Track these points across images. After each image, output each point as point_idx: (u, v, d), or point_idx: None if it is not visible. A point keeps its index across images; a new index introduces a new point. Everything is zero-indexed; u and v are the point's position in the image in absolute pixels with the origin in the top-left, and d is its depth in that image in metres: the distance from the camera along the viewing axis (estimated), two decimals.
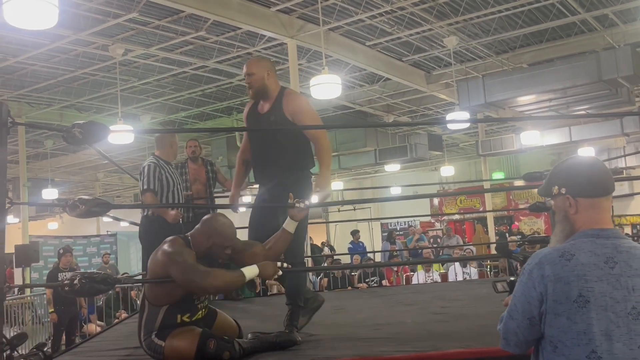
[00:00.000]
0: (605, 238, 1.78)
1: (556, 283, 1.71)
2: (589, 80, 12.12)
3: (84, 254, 17.09)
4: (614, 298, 1.69)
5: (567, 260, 1.73)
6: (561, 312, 1.70)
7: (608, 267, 1.72)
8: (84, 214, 2.79)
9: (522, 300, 1.78)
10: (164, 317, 3.27)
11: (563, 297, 1.70)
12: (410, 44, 12.97)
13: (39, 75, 13.23)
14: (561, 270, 1.72)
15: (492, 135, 20.29)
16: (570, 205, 1.84)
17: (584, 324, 1.68)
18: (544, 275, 1.74)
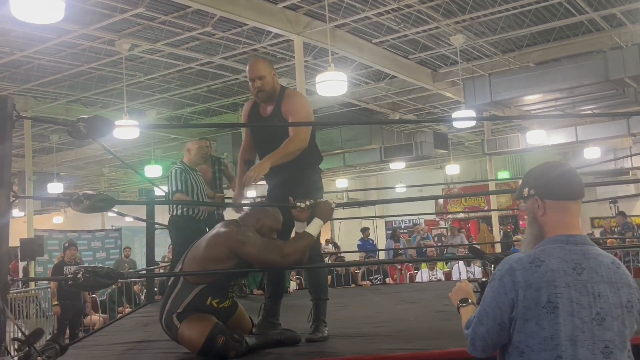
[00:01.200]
0: (574, 244, 1.80)
1: (527, 289, 1.73)
2: (595, 79, 12.09)
3: (89, 249, 17.11)
4: (580, 304, 1.71)
5: (538, 266, 1.74)
6: (530, 317, 1.72)
7: (576, 274, 1.74)
8: (88, 209, 2.79)
9: (493, 305, 1.78)
10: (195, 297, 3.31)
11: (533, 303, 1.72)
12: (417, 42, 12.94)
13: (45, 70, 13.25)
14: (531, 276, 1.73)
15: (497, 134, 20.24)
16: (539, 207, 1.85)
17: (551, 329, 1.70)
18: (515, 281, 1.74)
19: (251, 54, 12.89)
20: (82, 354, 3.68)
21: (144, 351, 3.68)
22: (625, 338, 1.74)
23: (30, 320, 11.27)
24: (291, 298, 6.69)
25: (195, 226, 5.51)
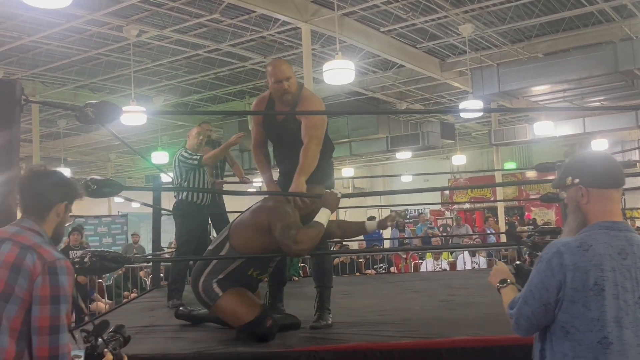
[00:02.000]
0: (618, 230, 1.87)
1: (575, 272, 1.80)
2: (605, 71, 12.01)
3: (95, 234, 17.20)
4: (624, 287, 1.79)
5: (585, 250, 1.82)
6: (577, 299, 1.79)
7: (621, 258, 1.82)
8: (96, 194, 2.80)
9: (540, 287, 1.85)
10: (239, 266, 3.42)
11: (580, 285, 1.79)
12: (425, 31, 12.88)
13: (53, 55, 13.26)
14: (579, 259, 1.81)
15: (505, 124, 20.16)
16: (582, 195, 1.92)
17: (597, 311, 1.77)
18: (563, 264, 1.81)
19: (259, 42, 12.87)
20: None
21: (150, 335, 3.71)
22: None
23: None
24: (295, 285, 6.72)
25: (199, 212, 5.49)
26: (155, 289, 6.80)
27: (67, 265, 2.00)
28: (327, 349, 2.99)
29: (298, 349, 3.00)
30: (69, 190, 2.20)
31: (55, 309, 1.93)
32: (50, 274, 1.94)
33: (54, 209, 2.13)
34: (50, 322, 1.92)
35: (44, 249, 1.99)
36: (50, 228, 2.13)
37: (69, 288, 1.99)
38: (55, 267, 1.96)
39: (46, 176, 2.17)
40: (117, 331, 2.29)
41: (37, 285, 1.92)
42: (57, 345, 1.92)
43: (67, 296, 1.97)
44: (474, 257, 11.31)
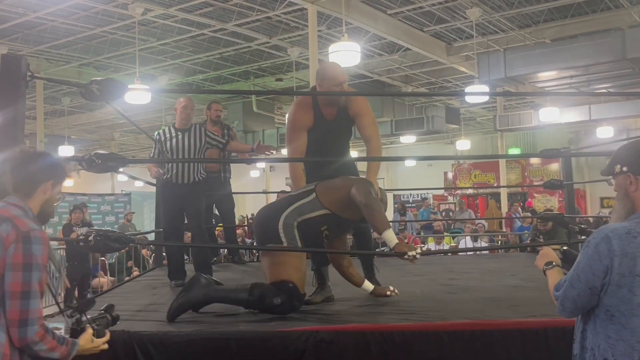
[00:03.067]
0: None
1: (622, 258, 1.84)
2: (612, 58, 11.93)
3: (98, 212, 17.27)
4: None
5: (634, 237, 1.86)
6: (623, 284, 1.84)
7: None
8: (101, 169, 2.81)
9: (587, 270, 1.89)
10: (318, 217, 3.55)
11: (627, 271, 1.84)
12: (432, 14, 12.79)
13: (58, 32, 13.22)
14: (628, 246, 1.85)
15: (510, 110, 20.09)
16: (631, 183, 1.95)
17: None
18: (611, 249, 1.85)
19: (265, 22, 12.80)
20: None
21: (153, 313, 3.73)
22: None
23: None
24: None
25: (177, 191, 5.10)
26: (158, 267, 6.83)
27: (42, 236, 2.08)
28: (328, 330, 3.00)
29: (299, 329, 3.02)
30: (56, 170, 2.29)
31: (27, 276, 2.00)
32: (24, 243, 2.02)
33: (40, 186, 2.22)
34: (21, 288, 1.99)
35: (20, 220, 2.07)
36: (36, 205, 2.22)
37: (43, 258, 2.06)
38: (29, 237, 2.03)
39: (35, 157, 2.26)
40: (106, 310, 2.36)
41: (10, 253, 2.00)
42: (27, 309, 1.99)
43: (40, 265, 2.04)
44: (476, 242, 11.33)
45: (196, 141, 5.20)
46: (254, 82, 17.34)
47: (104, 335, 2.30)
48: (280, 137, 19.43)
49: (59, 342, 2.08)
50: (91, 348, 2.24)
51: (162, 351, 2.95)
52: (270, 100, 19.71)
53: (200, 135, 5.24)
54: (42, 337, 2.02)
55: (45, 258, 2.07)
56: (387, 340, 2.96)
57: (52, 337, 2.05)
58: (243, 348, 2.98)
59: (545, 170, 22.31)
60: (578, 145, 19.59)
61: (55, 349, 2.06)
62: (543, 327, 2.99)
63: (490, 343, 2.97)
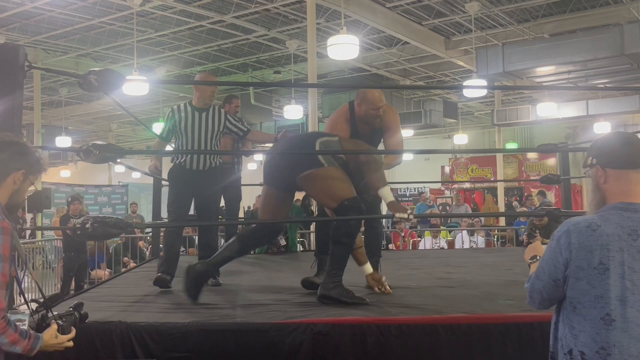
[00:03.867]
0: (633, 212, 1.91)
1: (580, 250, 1.88)
2: (610, 53, 11.92)
3: (95, 203, 17.27)
4: (632, 268, 1.84)
5: (593, 230, 1.88)
6: (582, 277, 1.88)
7: (631, 239, 1.87)
8: (98, 160, 2.81)
9: (549, 263, 1.95)
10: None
11: (585, 263, 1.87)
12: (431, 8, 12.77)
13: (55, 22, 13.17)
14: (586, 239, 1.88)
15: (508, 105, 20.09)
16: (600, 175, 1.97)
17: (601, 289, 1.85)
18: (571, 242, 1.90)
19: (263, 14, 12.77)
20: (87, 305, 3.73)
21: (150, 304, 3.74)
22: None
23: (37, 272, 11.42)
24: (295, 259, 6.76)
25: (189, 177, 4.62)
26: (155, 258, 6.83)
27: (4, 226, 2.03)
28: (325, 322, 3.01)
29: (295, 321, 3.02)
30: (28, 160, 2.23)
31: None
32: None
33: (11, 175, 2.17)
34: None
35: None
36: (4, 194, 2.18)
37: (4, 248, 2.01)
38: None
39: (8, 145, 2.22)
40: (75, 308, 2.32)
41: None
42: None
43: (1, 255, 2.00)
44: (473, 236, 11.36)
45: (214, 124, 4.68)
46: (252, 75, 17.31)
47: (69, 332, 2.22)
48: (278, 129, 19.40)
49: (22, 336, 2.02)
50: (55, 344, 2.16)
51: (159, 342, 2.95)
52: (268, 93, 19.68)
53: (220, 117, 4.72)
54: (4, 330, 1.96)
55: (7, 248, 2.01)
56: (383, 333, 2.97)
57: (14, 330, 1.99)
58: (240, 340, 2.99)
59: (542, 165, 22.35)
60: (575, 141, 19.60)
61: (17, 343, 2.00)
62: (539, 320, 3.00)
63: (486, 337, 2.98)
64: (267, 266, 6.17)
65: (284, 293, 4.14)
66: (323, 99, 17.41)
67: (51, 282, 10.80)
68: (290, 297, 3.96)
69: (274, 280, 5.03)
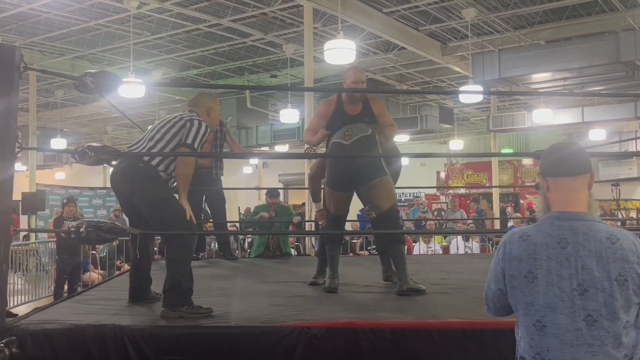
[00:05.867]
0: (564, 220, 1.94)
1: (512, 260, 1.95)
2: (606, 61, 11.97)
3: (90, 206, 17.21)
4: (560, 275, 1.87)
5: (524, 240, 1.95)
6: (515, 285, 1.94)
7: (560, 247, 1.90)
8: (94, 162, 2.80)
9: (493, 273, 2.04)
10: None
11: (516, 272, 1.94)
12: (428, 14, 12.80)
13: (52, 24, 13.15)
14: (517, 249, 1.95)
15: (503, 111, 20.14)
16: (543, 185, 2.05)
17: (531, 296, 1.90)
18: (505, 252, 1.98)
19: (260, 18, 12.78)
20: (81, 307, 3.72)
21: (143, 308, 3.72)
22: (616, 309, 1.82)
23: (30, 274, 11.38)
24: (290, 263, 6.75)
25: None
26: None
27: None
28: (319, 325, 3.01)
29: (290, 325, 3.02)
30: None
31: None
32: None
33: None
34: None
35: None
36: None
37: None
38: None
39: None
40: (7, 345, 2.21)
41: None
42: None
43: None
44: (467, 241, 11.37)
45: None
46: (248, 78, 17.31)
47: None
48: (274, 133, 19.42)
49: None
50: None
51: (153, 345, 2.94)
52: (264, 97, 19.69)
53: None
54: None
55: None
56: (378, 337, 2.96)
57: None
58: (234, 343, 2.98)
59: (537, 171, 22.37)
60: None
61: None
62: None
63: (481, 342, 2.98)
64: (261, 270, 6.15)
65: (278, 297, 4.13)
66: (319, 103, 17.41)
67: (44, 285, 10.76)
68: (285, 300, 3.96)
69: (269, 283, 5.02)
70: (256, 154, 17.43)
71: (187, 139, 3.65)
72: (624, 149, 18.30)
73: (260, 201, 15.55)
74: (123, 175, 3.55)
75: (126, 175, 3.54)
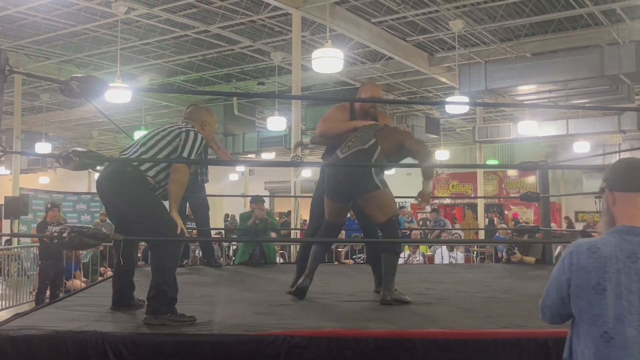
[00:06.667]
0: (634, 235, 1.99)
1: (579, 271, 1.98)
2: (590, 74, 12.09)
3: (74, 211, 17.05)
4: (629, 289, 1.92)
5: (593, 252, 1.98)
6: (582, 295, 1.98)
7: (630, 262, 1.95)
8: (78, 166, 2.78)
9: (556, 282, 2.07)
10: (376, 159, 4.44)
11: (584, 283, 1.97)
12: (416, 24, 12.88)
13: (39, 27, 13.07)
14: (585, 261, 1.98)
15: (489, 122, 20.27)
16: (609, 198, 2.08)
17: (599, 308, 1.94)
18: (572, 263, 2.01)
19: (249, 25, 12.79)
20: (62, 313, 3.69)
21: (125, 315, 3.69)
22: None
23: (11, 279, 11.27)
24: (274, 271, 6.73)
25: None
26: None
27: None
28: (302, 334, 3.00)
29: (273, 333, 3.00)
30: None
31: None
32: None
33: None
34: None
35: None
36: None
37: None
38: None
39: None
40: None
41: None
42: None
43: None
44: (452, 252, 11.40)
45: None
46: (235, 85, 17.29)
47: None
48: (261, 140, 19.40)
49: None
50: None
51: (134, 352, 2.91)
52: (251, 104, 19.67)
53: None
54: None
55: None
56: (361, 346, 2.96)
57: None
58: (216, 351, 2.96)
59: (522, 182, 22.56)
60: (555, 159, 19.83)
61: None
62: (516, 337, 3.01)
63: (463, 352, 2.98)
64: (245, 278, 6.13)
65: (262, 305, 4.12)
66: (307, 111, 17.43)
67: (26, 290, 10.65)
68: (269, 309, 3.95)
69: (252, 291, 5.01)
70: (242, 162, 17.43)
71: (182, 152, 3.65)
72: (608, 161, 18.46)
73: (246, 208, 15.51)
74: (109, 178, 3.54)
75: (113, 178, 3.53)
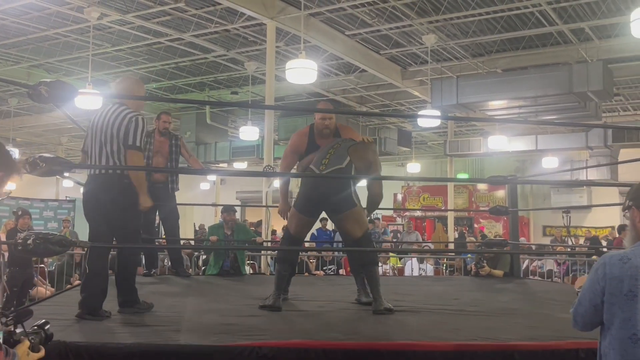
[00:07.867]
0: None
1: (613, 280, 2.18)
2: (559, 91, 12.33)
3: (40, 218, 16.77)
4: None
5: (624, 262, 2.19)
6: (614, 302, 2.17)
7: None
8: (45, 173, 2.73)
9: (589, 291, 2.25)
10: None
11: (617, 291, 2.17)
12: (389, 38, 12.99)
13: (8, 31, 12.86)
14: (618, 270, 2.19)
15: (460, 136, 20.50)
16: (636, 216, 2.28)
17: (630, 312, 2.14)
18: (605, 273, 2.20)
19: (222, 34, 12.77)
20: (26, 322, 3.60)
21: (91, 324, 3.63)
22: None
23: None
24: (243, 282, 6.69)
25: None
26: None
27: None
28: (270, 345, 2.98)
29: (240, 344, 2.98)
30: (6, 162, 2.12)
31: None
32: None
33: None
34: None
35: None
36: None
37: None
38: None
39: None
40: (41, 327, 2.22)
41: None
42: None
43: None
44: (422, 264, 11.46)
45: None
46: (208, 94, 17.22)
47: (39, 351, 2.13)
48: (233, 150, 19.33)
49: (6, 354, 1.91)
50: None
51: None
52: (224, 113, 19.61)
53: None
54: None
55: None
56: (329, 357, 2.95)
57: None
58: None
59: (491, 196, 22.81)
60: (524, 174, 20.09)
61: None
62: (485, 350, 3.03)
63: None
64: (214, 288, 6.08)
65: (230, 315, 4.09)
66: (279, 121, 17.44)
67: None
68: (237, 319, 3.92)
69: (221, 302, 4.96)
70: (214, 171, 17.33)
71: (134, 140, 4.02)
72: (575, 177, 18.81)
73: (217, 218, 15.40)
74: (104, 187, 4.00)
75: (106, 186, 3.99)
